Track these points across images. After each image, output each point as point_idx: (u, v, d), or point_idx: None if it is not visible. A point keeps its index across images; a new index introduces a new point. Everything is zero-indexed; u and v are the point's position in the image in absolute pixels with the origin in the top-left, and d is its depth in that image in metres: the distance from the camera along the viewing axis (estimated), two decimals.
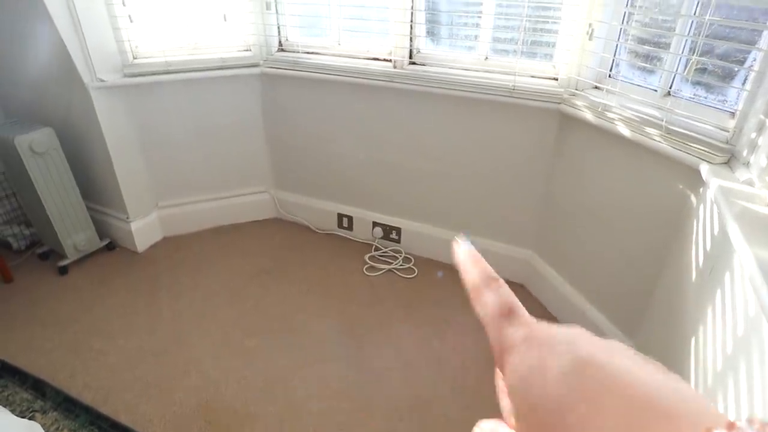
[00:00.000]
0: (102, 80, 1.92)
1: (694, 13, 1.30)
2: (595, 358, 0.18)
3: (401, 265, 2.23)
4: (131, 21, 1.92)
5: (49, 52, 1.87)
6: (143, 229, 2.32)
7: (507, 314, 0.24)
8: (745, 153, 1.16)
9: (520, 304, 0.25)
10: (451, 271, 2.21)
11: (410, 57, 1.93)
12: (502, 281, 0.26)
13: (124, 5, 1.89)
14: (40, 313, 1.93)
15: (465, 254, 0.29)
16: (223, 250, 2.35)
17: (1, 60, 2.07)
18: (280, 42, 2.19)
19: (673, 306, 1.29)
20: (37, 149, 1.92)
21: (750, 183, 1.09)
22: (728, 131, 1.23)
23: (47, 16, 1.71)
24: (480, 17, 1.78)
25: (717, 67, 1.30)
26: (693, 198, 1.29)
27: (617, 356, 0.19)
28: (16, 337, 1.80)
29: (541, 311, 1.97)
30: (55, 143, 1.99)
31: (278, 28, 2.15)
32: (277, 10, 2.10)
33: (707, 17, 1.21)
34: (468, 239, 0.29)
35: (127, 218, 2.25)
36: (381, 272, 2.20)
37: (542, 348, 0.20)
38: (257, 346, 1.77)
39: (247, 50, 2.18)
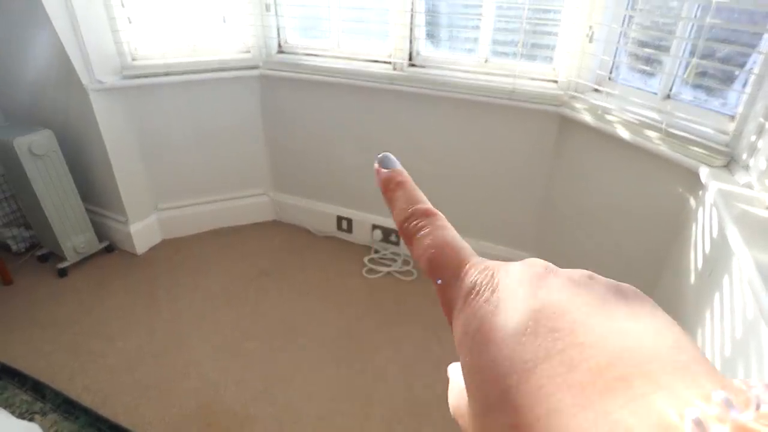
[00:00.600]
0: (101, 82, 1.92)
1: (695, 16, 1.30)
2: (553, 307, 0.15)
3: (401, 268, 2.23)
4: (130, 22, 1.92)
5: (47, 53, 1.87)
6: (142, 231, 2.32)
7: (450, 262, 0.20)
8: (744, 156, 1.16)
9: (463, 244, 0.21)
10: None
11: (410, 59, 1.93)
12: (438, 215, 0.22)
13: (123, 6, 1.89)
14: (40, 315, 1.93)
15: (387, 179, 0.23)
16: (222, 253, 2.35)
17: (1, 62, 2.07)
18: (279, 44, 2.19)
19: (671, 309, 1.28)
20: (37, 151, 1.91)
21: (749, 186, 1.09)
22: (728, 134, 1.23)
23: (46, 18, 1.71)
24: (480, 19, 1.78)
25: (717, 70, 1.30)
26: (692, 201, 1.29)
27: (585, 302, 0.15)
28: (16, 339, 1.80)
29: None
30: (54, 145, 1.99)
31: (278, 29, 2.15)
32: (276, 12, 2.10)
33: (708, 20, 1.21)
34: (388, 159, 0.23)
35: (126, 220, 2.25)
36: (380, 275, 2.19)
37: (491, 298, 0.17)
38: (256, 348, 1.77)
39: (246, 52, 2.18)
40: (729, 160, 1.21)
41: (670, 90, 1.41)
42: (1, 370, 1.66)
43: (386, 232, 2.34)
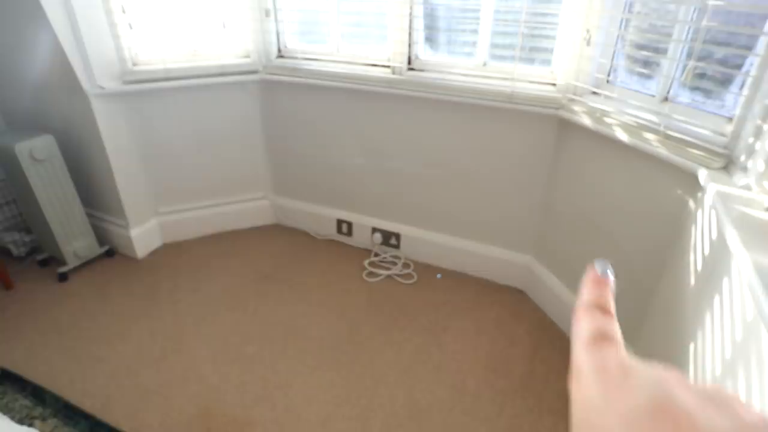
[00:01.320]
0: (102, 87, 1.93)
1: (691, 19, 1.30)
2: (677, 404, 0.17)
3: (401, 271, 2.23)
4: (131, 28, 1.94)
5: (49, 59, 1.88)
6: (143, 235, 2.33)
7: (595, 342, 0.23)
8: (742, 158, 1.16)
9: (620, 338, 0.24)
10: (451, 276, 2.21)
11: (409, 63, 1.94)
12: (612, 315, 0.25)
13: (124, 12, 1.90)
14: (40, 320, 1.93)
15: (592, 277, 0.28)
16: (222, 256, 2.35)
17: (3, 67, 2.08)
18: (279, 48, 2.20)
19: (672, 311, 1.28)
20: (38, 156, 1.92)
21: (748, 188, 1.09)
22: (726, 136, 1.23)
23: (47, 24, 1.72)
24: (478, 23, 1.78)
25: (714, 72, 1.31)
26: (691, 203, 1.29)
27: (711, 411, 0.17)
28: (16, 345, 1.80)
29: (540, 316, 1.97)
30: (55, 150, 1.99)
31: (277, 34, 2.16)
32: (276, 18, 2.11)
33: (704, 23, 1.21)
34: (606, 266, 0.28)
35: (127, 225, 2.26)
36: (380, 278, 2.19)
37: (617, 381, 0.20)
38: (256, 352, 1.77)
39: (246, 57, 2.19)
40: (727, 162, 1.21)
41: (668, 92, 1.42)
42: (2, 375, 1.66)
43: (386, 236, 2.34)
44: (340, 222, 2.44)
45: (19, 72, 2.05)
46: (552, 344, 1.82)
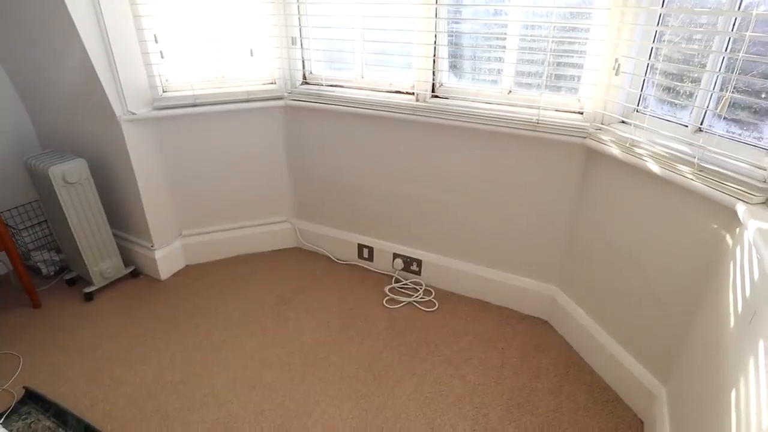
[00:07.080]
0: (133, 113, 1.98)
1: (726, 50, 1.27)
2: None
3: (421, 298, 2.19)
4: (162, 57, 1.99)
5: (84, 85, 1.94)
6: (167, 257, 2.36)
7: None
8: None
9: None
10: (472, 304, 2.16)
11: (433, 90, 1.94)
12: None
13: (156, 42, 1.96)
14: (65, 339, 1.96)
15: None
16: (244, 280, 2.36)
17: (41, 93, 2.17)
18: (304, 75, 2.23)
19: (709, 353, 1.22)
20: (70, 179, 1.98)
21: None
22: (765, 169, 1.18)
23: (83, 52, 1.78)
24: (503, 51, 1.78)
25: (752, 103, 1.26)
26: (729, 239, 1.23)
27: None
28: (42, 364, 1.83)
29: (565, 349, 1.90)
30: (86, 173, 2.05)
31: (303, 61, 2.20)
32: (302, 45, 2.15)
33: (741, 54, 1.18)
34: None
35: (152, 246, 2.29)
36: (401, 305, 2.16)
37: None
38: (275, 379, 1.75)
39: (272, 83, 2.22)
40: (767, 197, 1.16)
41: (702, 123, 1.38)
42: (26, 396, 1.68)
43: (407, 262, 2.31)
44: (361, 247, 2.43)
45: (54, 98, 2.13)
46: (579, 379, 1.75)
